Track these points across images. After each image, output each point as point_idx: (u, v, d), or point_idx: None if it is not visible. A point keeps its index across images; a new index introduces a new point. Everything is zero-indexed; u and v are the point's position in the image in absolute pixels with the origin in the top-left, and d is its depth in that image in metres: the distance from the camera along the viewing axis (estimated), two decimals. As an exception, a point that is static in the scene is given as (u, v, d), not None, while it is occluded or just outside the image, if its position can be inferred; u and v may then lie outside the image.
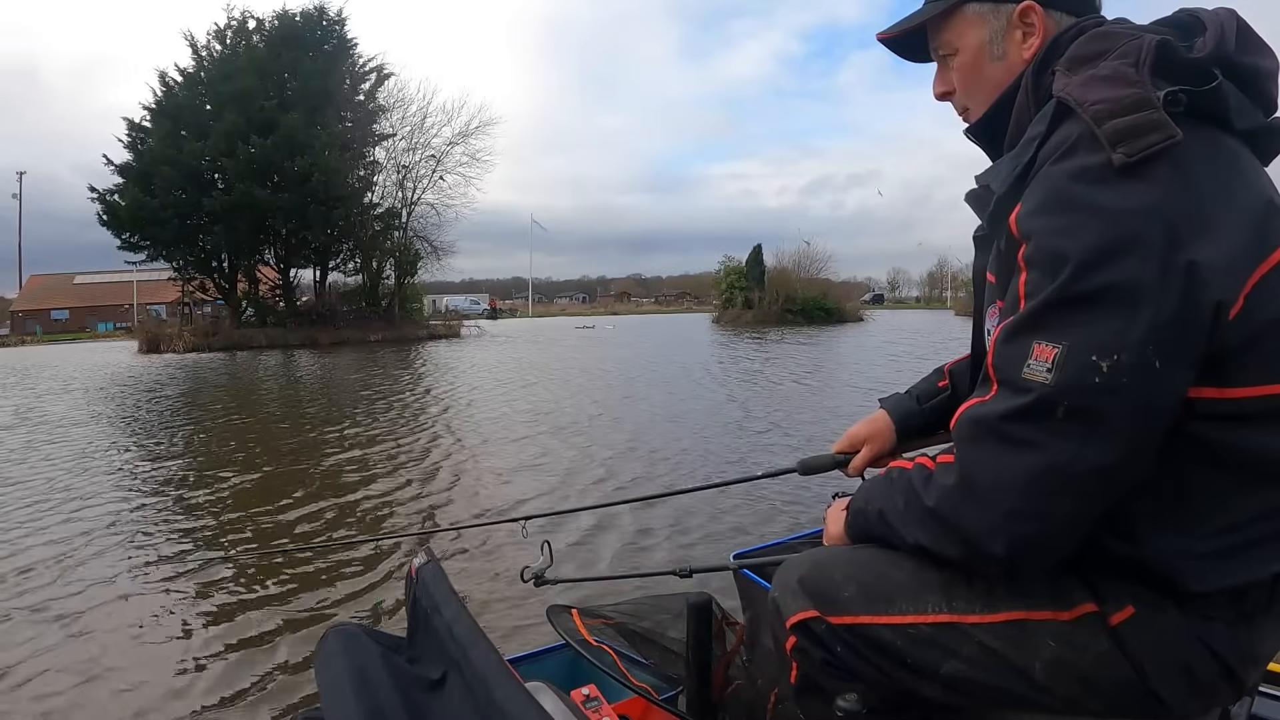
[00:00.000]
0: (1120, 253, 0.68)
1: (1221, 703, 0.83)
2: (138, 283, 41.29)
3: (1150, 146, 0.68)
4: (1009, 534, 0.73)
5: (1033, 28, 0.89)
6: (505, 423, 8.14)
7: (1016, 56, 0.90)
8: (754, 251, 36.62)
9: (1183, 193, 0.69)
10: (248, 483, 5.47)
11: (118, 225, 26.54)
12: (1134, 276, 0.67)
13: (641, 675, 1.74)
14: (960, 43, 0.94)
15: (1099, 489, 0.71)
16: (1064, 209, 0.71)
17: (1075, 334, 0.69)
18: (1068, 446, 0.69)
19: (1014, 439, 0.72)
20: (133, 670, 2.64)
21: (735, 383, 11.63)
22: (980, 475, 0.75)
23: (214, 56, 28.21)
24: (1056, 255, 0.71)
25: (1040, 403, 0.70)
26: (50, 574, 3.60)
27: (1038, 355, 0.71)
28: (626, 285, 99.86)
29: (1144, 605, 0.78)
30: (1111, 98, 0.71)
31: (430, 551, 1.19)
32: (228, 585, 3.44)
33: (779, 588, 0.96)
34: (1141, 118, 0.69)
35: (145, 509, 4.85)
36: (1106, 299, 0.68)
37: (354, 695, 0.92)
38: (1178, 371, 0.69)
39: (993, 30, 0.91)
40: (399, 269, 31.29)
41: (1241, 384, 0.72)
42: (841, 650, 0.89)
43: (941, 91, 0.99)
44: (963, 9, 0.93)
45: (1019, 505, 0.72)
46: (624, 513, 4.43)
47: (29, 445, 7.27)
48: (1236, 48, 0.77)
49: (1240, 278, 0.69)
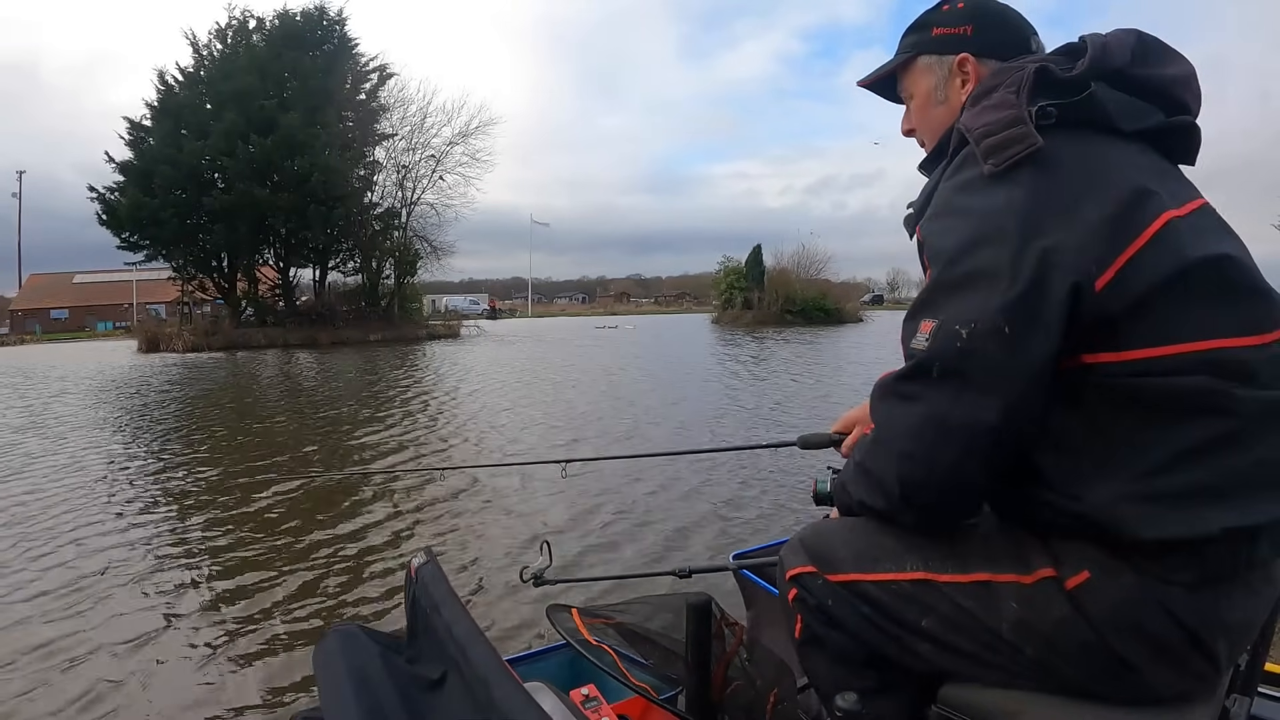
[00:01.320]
0: (982, 243, 0.82)
1: (1198, 674, 0.84)
2: (137, 282, 41.28)
3: (1014, 155, 0.82)
4: (900, 476, 0.87)
5: (968, 75, 1.04)
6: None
7: (956, 100, 1.04)
8: (754, 252, 36.63)
9: (1042, 190, 0.82)
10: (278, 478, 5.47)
11: (117, 225, 26.51)
12: (992, 262, 0.81)
13: (641, 675, 1.74)
14: (914, 89, 1.11)
15: (975, 440, 0.82)
16: (946, 214, 0.89)
17: (946, 310, 0.83)
18: (942, 399, 0.83)
19: (903, 394, 0.87)
20: (132, 669, 2.63)
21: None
22: (881, 426, 0.91)
23: (215, 55, 28.18)
24: (938, 250, 0.87)
25: (919, 365, 0.84)
26: (54, 572, 3.61)
27: (923, 330, 0.85)
28: (626, 285, 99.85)
29: (1100, 569, 0.83)
30: (991, 120, 0.86)
31: (430, 551, 1.19)
32: (227, 584, 3.44)
33: (786, 549, 1.08)
34: (1011, 133, 0.83)
35: (148, 509, 4.85)
36: (971, 281, 0.82)
37: (353, 695, 0.92)
38: (1032, 337, 0.80)
39: (938, 78, 1.07)
40: (399, 269, 31.26)
41: (1132, 347, 0.81)
42: (833, 603, 0.99)
43: (907, 129, 1.16)
44: (916, 60, 1.10)
45: (907, 447, 0.86)
46: (631, 512, 4.44)
47: (55, 448, 7.25)
48: (1132, 61, 0.89)
49: (1107, 256, 0.80)
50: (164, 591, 3.38)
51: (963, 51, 1.04)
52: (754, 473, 5.31)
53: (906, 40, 1.11)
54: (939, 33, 1.07)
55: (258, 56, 27.38)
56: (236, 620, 3.05)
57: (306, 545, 4.01)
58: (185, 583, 3.49)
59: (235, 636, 2.90)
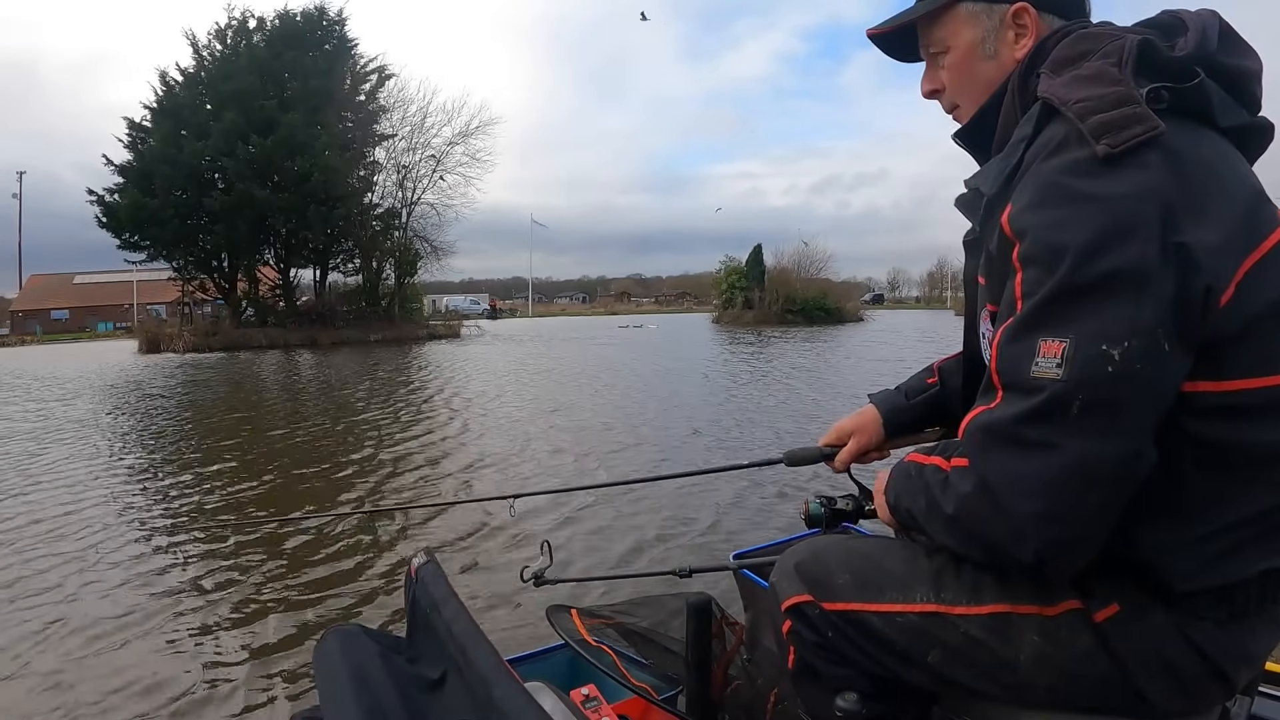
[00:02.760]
0: (1120, 237, 0.67)
1: (1211, 703, 0.83)
2: (137, 282, 41.28)
3: (1134, 138, 0.68)
4: (1036, 539, 0.70)
5: (1025, 29, 0.90)
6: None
7: (1009, 56, 0.91)
8: (754, 251, 36.61)
9: (1173, 176, 0.69)
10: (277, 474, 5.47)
11: (116, 226, 26.53)
12: (1137, 259, 0.66)
13: (641, 675, 1.74)
14: (953, 40, 0.94)
15: (1122, 482, 0.69)
16: (1058, 202, 0.71)
17: (1082, 325, 0.67)
18: (1087, 444, 0.67)
19: (1030, 442, 0.70)
20: (130, 669, 2.63)
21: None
22: (998, 483, 0.72)
23: (215, 56, 28.20)
24: (1055, 248, 0.69)
25: (1054, 401, 0.68)
26: (57, 566, 3.61)
27: (1045, 352, 0.69)
28: (626, 285, 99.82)
29: (1129, 604, 0.78)
30: (1095, 95, 0.72)
31: (430, 551, 1.19)
32: (226, 583, 3.44)
33: (778, 573, 0.99)
34: (1124, 112, 0.70)
35: (147, 507, 4.86)
36: (1111, 285, 0.67)
37: (353, 695, 0.92)
38: (1182, 355, 0.68)
39: (986, 29, 0.92)
40: (399, 269, 31.28)
41: (1237, 375, 0.71)
42: (833, 635, 0.92)
43: (930, 89, 1.00)
44: (956, 7, 0.93)
45: (1042, 509, 0.69)
46: (633, 515, 4.44)
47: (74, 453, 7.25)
48: (1219, 48, 0.78)
49: (1232, 264, 0.69)
50: (163, 590, 3.38)
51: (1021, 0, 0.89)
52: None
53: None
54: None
55: (258, 56, 27.40)
56: (236, 620, 3.05)
57: (307, 545, 4.01)
58: (185, 581, 3.49)
59: (235, 636, 2.90)
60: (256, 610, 3.15)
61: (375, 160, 30.93)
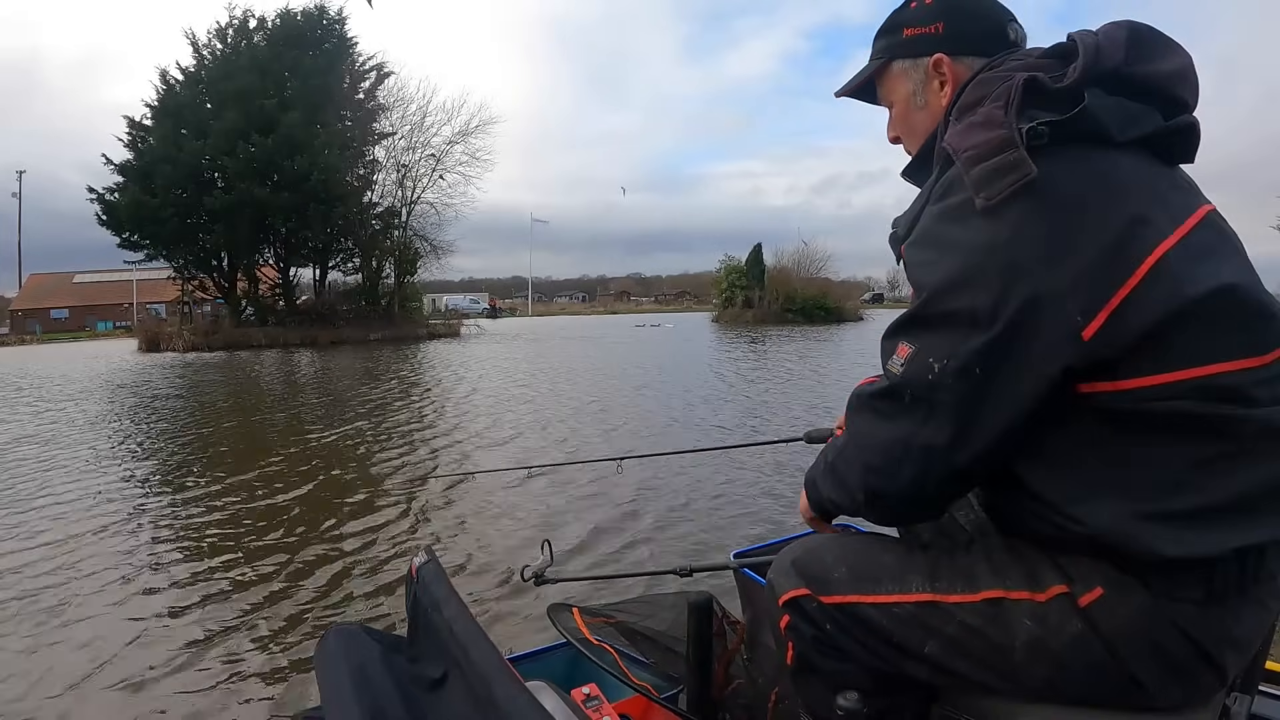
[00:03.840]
0: (964, 285, 0.80)
1: (1206, 690, 0.84)
2: (137, 282, 41.29)
3: (1007, 188, 0.77)
4: (864, 485, 0.90)
5: (945, 76, 0.99)
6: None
7: (936, 104, 1.00)
8: (754, 251, 36.63)
9: (1031, 229, 0.77)
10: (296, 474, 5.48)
11: (117, 225, 26.54)
12: (970, 305, 0.79)
13: (642, 674, 1.74)
14: (893, 96, 1.07)
15: (934, 464, 0.84)
16: (930, 245, 0.86)
17: (922, 340, 0.84)
18: (911, 423, 0.84)
19: (876, 410, 0.89)
20: (129, 669, 2.64)
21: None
22: (853, 435, 0.93)
23: (215, 55, 28.21)
24: (920, 283, 0.86)
25: (893, 389, 0.86)
26: (52, 569, 3.61)
27: (899, 353, 0.86)
28: (626, 284, 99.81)
29: (1113, 586, 0.81)
30: (980, 142, 0.80)
31: (430, 551, 1.19)
32: (227, 583, 3.45)
33: (775, 569, 1.04)
34: (1003, 159, 0.77)
35: (149, 505, 4.86)
36: (948, 320, 0.81)
37: (354, 694, 0.92)
38: (1006, 381, 0.79)
39: (915, 82, 1.03)
40: (398, 268, 31.30)
41: (1128, 377, 0.78)
42: (831, 628, 0.95)
43: (893, 136, 1.11)
44: (890, 66, 1.05)
45: (874, 461, 0.89)
46: (633, 508, 4.44)
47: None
48: (1126, 59, 0.83)
49: (1090, 306, 0.76)
50: (162, 590, 3.38)
51: (937, 52, 0.99)
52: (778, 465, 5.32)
53: (879, 45, 1.06)
54: (910, 33, 1.02)
55: (258, 56, 27.41)
56: (237, 619, 3.05)
57: (308, 544, 4.01)
58: (184, 581, 3.49)
59: (235, 636, 2.90)
60: (257, 610, 3.15)
61: (375, 159, 30.99)
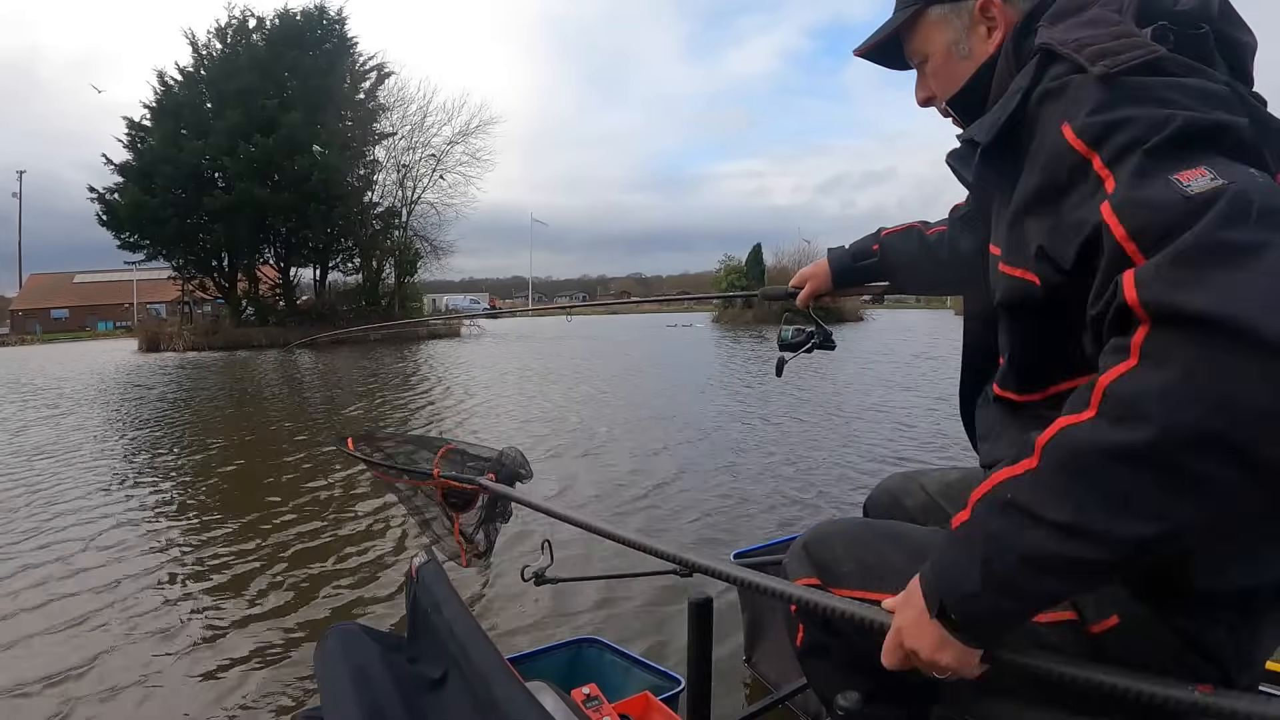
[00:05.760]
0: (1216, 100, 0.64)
1: None
2: (137, 282, 41.31)
3: (1134, 59, 0.66)
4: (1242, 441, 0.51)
5: (994, 21, 0.89)
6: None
7: (982, 52, 0.90)
8: (754, 251, 36.60)
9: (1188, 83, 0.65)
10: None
11: (117, 225, 26.56)
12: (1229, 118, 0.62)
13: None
14: (929, 48, 0.95)
15: None
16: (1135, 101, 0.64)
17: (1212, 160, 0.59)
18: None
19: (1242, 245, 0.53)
20: (130, 668, 2.64)
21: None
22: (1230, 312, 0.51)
23: (214, 55, 28.23)
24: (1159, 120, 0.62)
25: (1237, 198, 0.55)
26: (53, 559, 3.61)
27: (1186, 179, 0.57)
28: (626, 284, 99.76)
29: (1130, 615, 0.75)
30: (1093, 34, 0.71)
31: (431, 551, 1.19)
32: (227, 582, 3.44)
33: (790, 553, 1.00)
34: (1123, 42, 0.68)
35: (146, 501, 4.86)
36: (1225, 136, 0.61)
37: (354, 694, 0.92)
38: None
39: (957, 30, 0.92)
40: (399, 268, 31.33)
41: None
42: (837, 620, 0.91)
43: (924, 98, 0.99)
44: (925, 14, 0.93)
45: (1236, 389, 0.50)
46: (633, 507, 4.44)
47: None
48: (1219, 15, 0.75)
49: None
50: (161, 590, 3.38)
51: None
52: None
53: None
54: None
55: (258, 56, 27.43)
56: (236, 620, 3.04)
57: (307, 544, 4.01)
58: (183, 580, 3.49)
59: (235, 636, 2.89)
60: (257, 610, 3.15)
61: (375, 159, 31.03)
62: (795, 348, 1.48)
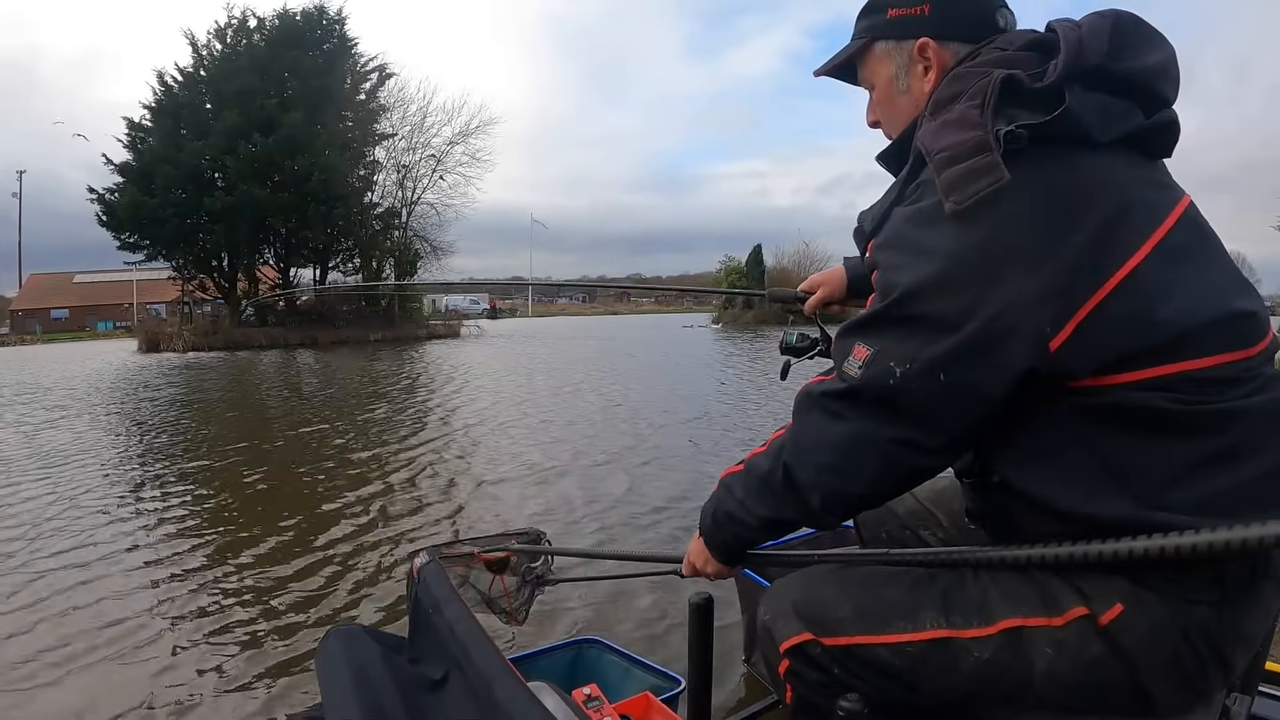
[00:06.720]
0: (932, 290, 0.79)
1: (1211, 689, 0.83)
2: (137, 282, 41.28)
3: (977, 193, 0.74)
4: (821, 486, 0.86)
5: (929, 61, 0.95)
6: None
7: (919, 89, 0.97)
8: (754, 251, 36.61)
9: (1002, 235, 0.76)
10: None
11: (117, 225, 26.54)
12: (939, 311, 0.78)
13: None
14: (874, 78, 1.02)
15: (900, 459, 0.83)
16: (899, 247, 0.83)
17: (884, 342, 0.82)
18: (873, 422, 0.82)
19: (830, 411, 0.85)
20: (130, 668, 2.64)
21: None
22: (805, 435, 0.88)
23: (214, 55, 28.19)
24: (887, 284, 0.83)
25: (851, 391, 0.83)
26: (56, 566, 3.61)
27: (856, 355, 0.84)
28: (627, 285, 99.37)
29: (1131, 600, 0.79)
30: (954, 144, 0.77)
31: (432, 552, 1.19)
32: (227, 582, 3.44)
33: (770, 612, 0.97)
34: (976, 163, 0.75)
35: (147, 501, 4.86)
36: (914, 324, 0.80)
37: (354, 695, 0.92)
38: (972, 385, 0.79)
39: (897, 65, 0.99)
40: (399, 269, 31.32)
41: (1106, 375, 0.77)
42: (839, 671, 0.90)
43: (872, 121, 1.07)
44: (873, 47, 1.01)
45: (829, 460, 0.85)
46: (633, 504, 4.44)
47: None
48: (1110, 53, 0.79)
49: (1059, 315, 0.75)
50: (160, 589, 3.38)
51: (921, 35, 0.95)
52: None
53: (861, 24, 1.01)
54: (894, 14, 0.97)
55: (258, 56, 27.39)
56: (237, 620, 3.05)
57: (308, 544, 4.01)
58: (183, 579, 3.49)
59: (234, 635, 2.89)
60: (257, 609, 3.15)
61: (375, 160, 31.03)
62: (799, 353, 1.49)
